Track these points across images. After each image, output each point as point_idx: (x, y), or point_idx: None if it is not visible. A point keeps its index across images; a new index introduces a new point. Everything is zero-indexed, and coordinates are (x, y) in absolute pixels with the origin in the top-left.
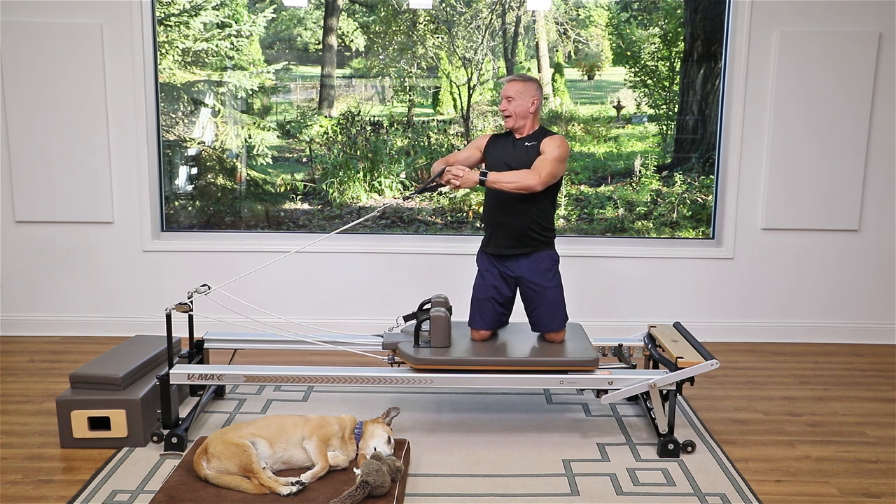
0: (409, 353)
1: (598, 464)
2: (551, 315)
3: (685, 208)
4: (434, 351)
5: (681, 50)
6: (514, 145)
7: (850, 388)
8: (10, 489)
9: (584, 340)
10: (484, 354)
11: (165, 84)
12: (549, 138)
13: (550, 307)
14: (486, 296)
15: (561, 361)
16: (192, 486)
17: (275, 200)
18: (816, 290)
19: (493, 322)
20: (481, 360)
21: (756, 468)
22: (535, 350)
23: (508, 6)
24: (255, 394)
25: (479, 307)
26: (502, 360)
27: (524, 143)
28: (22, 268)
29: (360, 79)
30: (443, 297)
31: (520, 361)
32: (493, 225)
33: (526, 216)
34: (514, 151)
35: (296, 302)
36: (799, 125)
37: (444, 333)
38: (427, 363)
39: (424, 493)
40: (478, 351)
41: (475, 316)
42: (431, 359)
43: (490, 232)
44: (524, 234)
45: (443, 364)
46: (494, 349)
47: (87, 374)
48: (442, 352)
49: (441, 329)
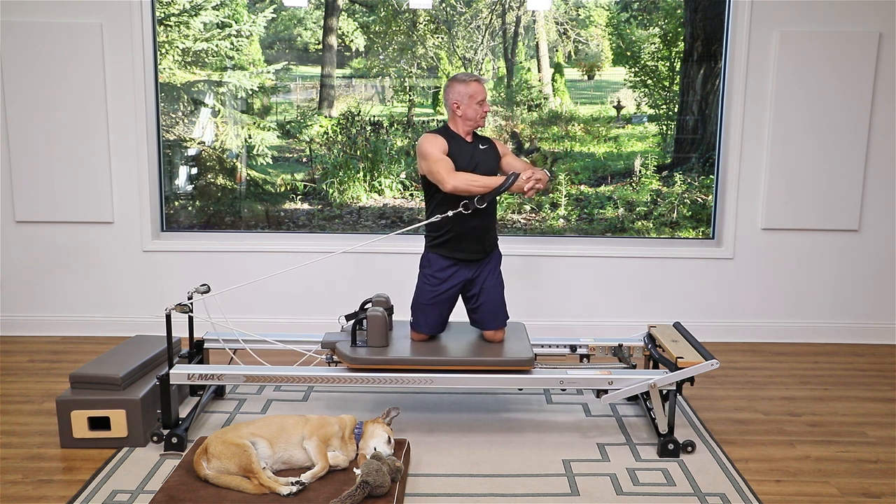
0: (345, 352)
1: (598, 464)
2: (495, 313)
3: (685, 208)
4: (370, 350)
5: (681, 50)
6: (472, 149)
7: (850, 388)
8: (10, 489)
9: (523, 340)
10: (422, 354)
11: (165, 84)
12: (494, 140)
13: (495, 305)
14: (439, 301)
15: (499, 361)
16: (192, 486)
17: (275, 200)
18: (816, 290)
19: (439, 326)
20: (419, 360)
21: (756, 468)
22: (474, 349)
23: (508, 6)
24: (255, 394)
25: (426, 311)
26: (440, 359)
27: (479, 146)
28: (22, 268)
29: (360, 79)
30: (384, 296)
31: (458, 361)
32: (467, 230)
33: (494, 217)
34: (474, 154)
35: (296, 302)
36: (799, 125)
37: (380, 333)
38: (363, 363)
39: (424, 493)
40: (416, 350)
41: (420, 320)
42: (367, 358)
43: (458, 237)
44: (493, 236)
45: (379, 364)
46: (433, 349)
47: (87, 374)
48: (379, 351)
49: (377, 328)
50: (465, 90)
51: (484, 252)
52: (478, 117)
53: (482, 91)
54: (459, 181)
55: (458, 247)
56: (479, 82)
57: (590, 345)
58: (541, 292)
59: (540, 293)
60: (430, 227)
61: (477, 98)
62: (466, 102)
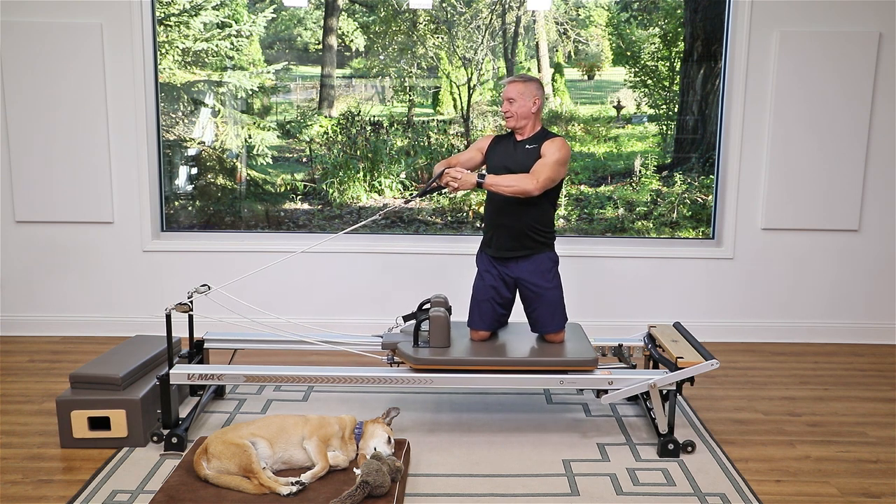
0: (408, 352)
1: (598, 464)
2: (550, 316)
3: (685, 208)
4: (433, 351)
5: (681, 50)
6: (514, 147)
7: (850, 388)
8: (10, 489)
9: (583, 340)
10: (483, 354)
11: (165, 84)
12: (549, 141)
13: (549, 308)
14: (486, 297)
15: (560, 361)
16: (192, 486)
17: (275, 200)
18: (816, 290)
19: (492, 323)
20: (480, 361)
21: (756, 468)
22: (534, 350)
23: (508, 6)
24: (255, 394)
25: (478, 308)
26: (501, 360)
27: (525, 146)
28: (22, 268)
29: (360, 79)
30: (442, 297)
31: (519, 361)
32: (494, 226)
33: (526, 218)
34: (514, 154)
35: (295, 302)
36: (799, 125)
37: (443, 333)
38: (426, 363)
39: (424, 493)
40: (477, 351)
41: (474, 317)
42: (431, 359)
43: (491, 233)
44: (524, 236)
45: (442, 364)
46: (493, 349)
47: (87, 374)
48: (441, 352)
49: (440, 329)
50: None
51: (517, 250)
52: (505, 116)
53: (508, 91)
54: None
55: (489, 243)
56: (510, 83)
57: None
58: None
59: None
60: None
61: (505, 98)
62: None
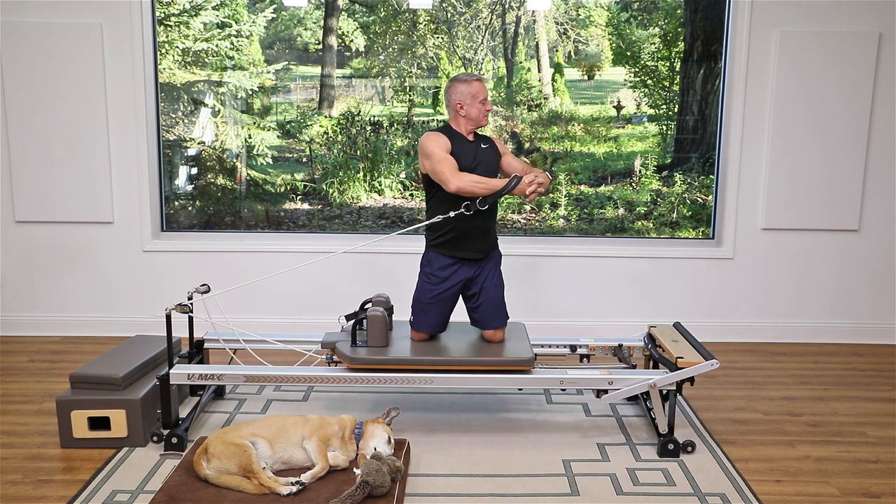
0: (345, 352)
1: (598, 464)
2: (495, 312)
3: (685, 208)
4: (370, 350)
5: (681, 50)
6: (474, 148)
7: (850, 388)
8: (10, 489)
9: (523, 340)
10: (422, 354)
11: (165, 84)
12: (497, 140)
13: (495, 305)
14: (440, 300)
15: (499, 361)
16: (192, 486)
17: (275, 200)
18: (816, 290)
19: (439, 326)
20: (418, 360)
21: (756, 468)
22: (474, 349)
23: (508, 6)
24: (255, 394)
25: (426, 310)
26: (440, 359)
27: (480, 145)
28: (22, 268)
29: (360, 79)
30: (384, 296)
31: (458, 361)
32: (469, 230)
33: (495, 218)
34: (477, 154)
35: (296, 302)
36: (799, 125)
37: (380, 333)
38: (362, 363)
39: (424, 493)
40: (415, 351)
41: (420, 319)
42: (367, 358)
43: (459, 236)
44: (493, 236)
45: (378, 364)
46: (434, 349)
47: (87, 374)
48: (378, 351)
49: (378, 328)
50: (467, 90)
51: (484, 251)
52: (481, 116)
53: (484, 90)
54: (464, 182)
55: (459, 246)
56: (481, 81)
57: (590, 345)
58: (541, 292)
59: (540, 293)
60: (431, 226)
61: (479, 97)
62: (469, 102)
